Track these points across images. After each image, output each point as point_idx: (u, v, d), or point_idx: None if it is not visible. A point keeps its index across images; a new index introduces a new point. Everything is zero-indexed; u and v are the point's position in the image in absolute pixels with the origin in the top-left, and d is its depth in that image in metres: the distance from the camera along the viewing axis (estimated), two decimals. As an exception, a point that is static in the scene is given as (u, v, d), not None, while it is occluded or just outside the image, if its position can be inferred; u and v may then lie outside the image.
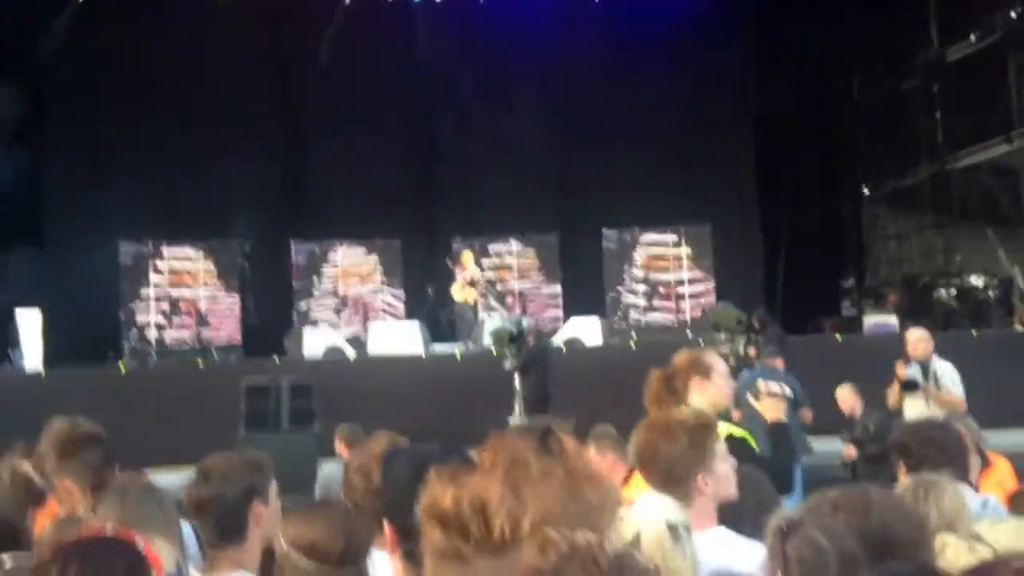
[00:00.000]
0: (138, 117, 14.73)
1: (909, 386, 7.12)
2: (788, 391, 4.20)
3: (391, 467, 2.06)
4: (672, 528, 2.22)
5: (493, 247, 16.04)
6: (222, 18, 15.06)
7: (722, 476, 2.62)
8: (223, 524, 2.60)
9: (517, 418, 10.46)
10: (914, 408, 7.12)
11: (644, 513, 2.35)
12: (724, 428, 3.67)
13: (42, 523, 2.89)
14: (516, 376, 10.65)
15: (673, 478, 2.56)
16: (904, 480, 3.04)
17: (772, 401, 4.09)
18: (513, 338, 11.01)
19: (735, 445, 3.66)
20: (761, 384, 4.16)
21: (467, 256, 14.21)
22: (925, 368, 7.23)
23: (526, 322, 11.90)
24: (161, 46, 14.57)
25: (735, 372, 8.99)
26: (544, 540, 1.36)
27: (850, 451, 7.87)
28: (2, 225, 13.24)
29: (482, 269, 14.81)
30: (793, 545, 1.91)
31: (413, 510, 1.52)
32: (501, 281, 15.96)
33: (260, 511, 2.60)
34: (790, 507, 2.88)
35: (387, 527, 1.98)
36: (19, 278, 12.47)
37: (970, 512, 2.78)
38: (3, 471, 3.18)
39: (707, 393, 3.76)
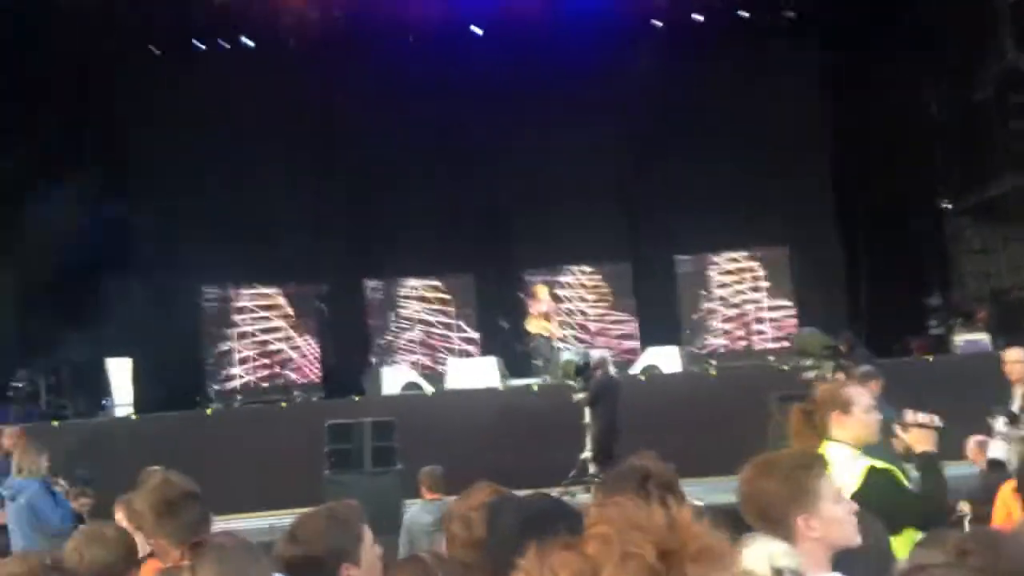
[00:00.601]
0: (210, 164, 15.10)
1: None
2: (939, 421, 4.06)
3: (497, 518, 2.02)
4: (778, 572, 2.13)
5: (565, 278, 15.99)
6: (284, 61, 15.45)
7: (833, 519, 2.48)
8: None
9: (587, 453, 10.38)
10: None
11: (752, 556, 2.26)
12: (866, 462, 3.61)
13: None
14: (585, 410, 10.57)
15: (769, 519, 2.46)
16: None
17: (922, 432, 3.98)
18: (580, 371, 10.95)
19: (879, 479, 3.58)
20: (909, 413, 4.05)
21: (541, 289, 14.17)
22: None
23: (595, 354, 11.80)
24: (225, 92, 14.99)
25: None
26: None
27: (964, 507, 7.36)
28: (90, 277, 13.63)
29: (559, 301, 14.76)
30: None
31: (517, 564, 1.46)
32: (575, 312, 15.88)
33: (349, 574, 2.58)
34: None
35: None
36: (109, 329, 12.82)
37: None
38: (107, 530, 3.23)
39: (848, 428, 3.72)
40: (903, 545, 3.30)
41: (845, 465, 3.54)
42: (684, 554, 1.35)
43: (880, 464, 3.62)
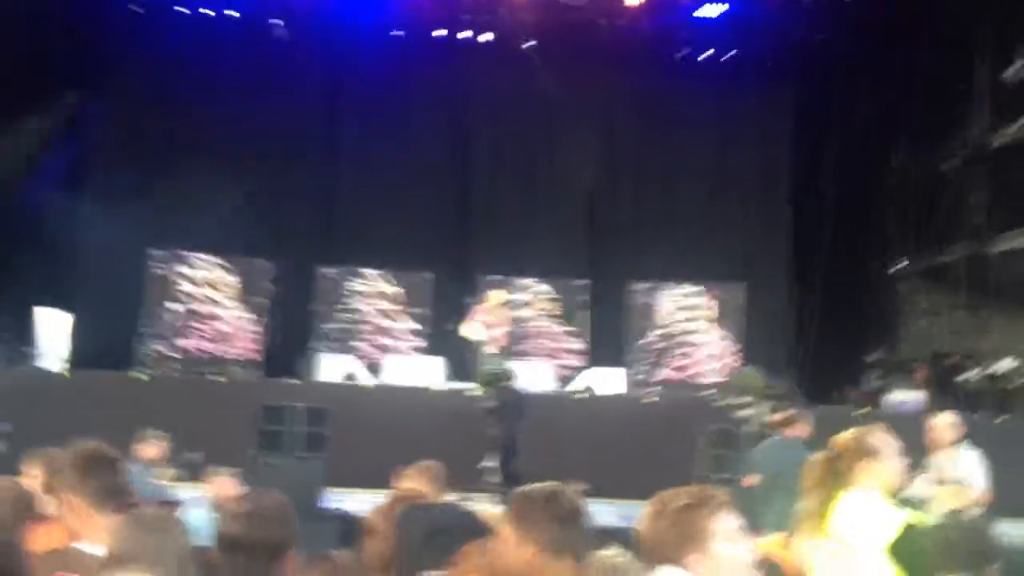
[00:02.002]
0: (179, 131, 14.93)
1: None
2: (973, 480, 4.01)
3: (404, 529, 2.01)
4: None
5: (521, 287, 16.01)
6: (267, 43, 15.34)
7: (724, 559, 2.42)
8: (253, 567, 2.56)
9: (487, 463, 10.43)
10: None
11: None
12: (904, 515, 3.51)
13: (41, 540, 2.85)
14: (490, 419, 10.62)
15: (660, 558, 2.42)
16: None
17: (956, 489, 3.95)
18: (490, 381, 11.00)
19: (919, 533, 3.40)
20: (949, 469, 4.01)
21: (493, 295, 14.10)
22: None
23: (505, 366, 11.81)
24: (200, 62, 14.83)
25: (758, 439, 8.91)
26: None
27: None
28: (34, 225, 13.36)
29: (510, 308, 14.74)
30: None
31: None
32: (526, 323, 15.91)
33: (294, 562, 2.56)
34: None
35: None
36: (43, 278, 12.57)
37: None
38: (2, 482, 3.17)
39: (877, 476, 3.63)
40: None
41: (878, 514, 3.49)
42: None
43: (918, 516, 3.55)
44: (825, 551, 3.69)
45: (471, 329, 13.00)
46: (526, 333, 15.84)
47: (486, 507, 7.87)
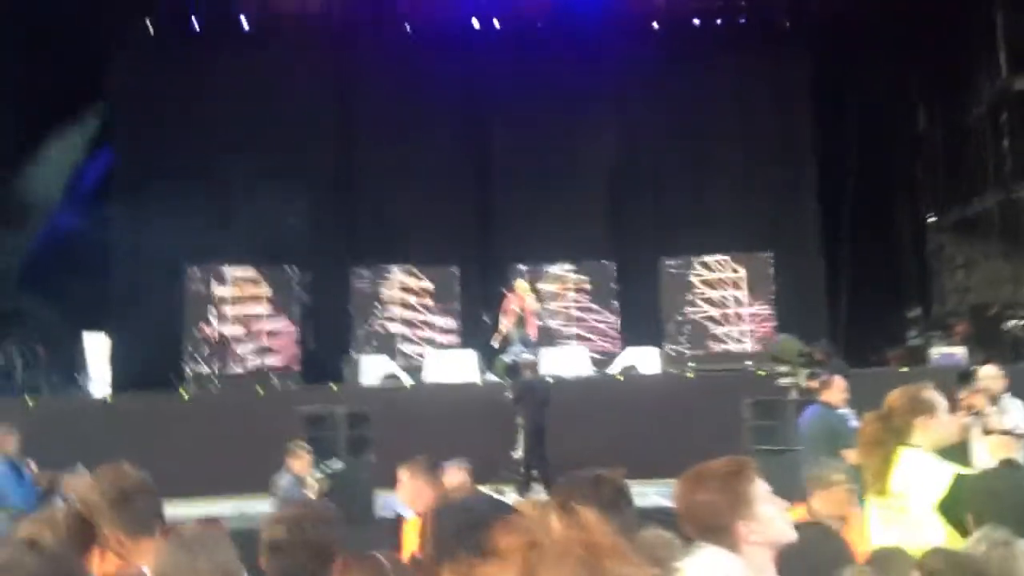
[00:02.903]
0: (200, 145, 15.05)
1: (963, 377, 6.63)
2: (1022, 429, 4.02)
3: (439, 522, 2.03)
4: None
5: (551, 273, 16.02)
6: (281, 47, 15.41)
7: (769, 519, 2.48)
8: (300, 570, 2.60)
9: (519, 452, 10.48)
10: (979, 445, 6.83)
11: (695, 567, 2.28)
12: (952, 469, 3.53)
13: (96, 568, 2.90)
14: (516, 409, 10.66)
15: (712, 529, 2.45)
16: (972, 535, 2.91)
17: (1004, 439, 3.94)
18: (509, 371, 11.03)
19: (968, 485, 3.47)
20: (993, 421, 4.01)
21: (519, 286, 14.12)
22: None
23: (526, 356, 11.84)
24: (221, 75, 14.97)
25: (797, 407, 8.86)
26: None
27: None
28: (69, 251, 13.56)
29: (540, 298, 14.76)
30: None
31: None
32: (558, 309, 15.91)
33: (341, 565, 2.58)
34: None
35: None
36: (85, 303, 12.76)
37: None
38: (58, 513, 3.22)
39: (933, 432, 3.65)
40: None
41: (929, 471, 3.50)
42: (603, 551, 1.39)
43: (965, 470, 3.54)
44: (882, 509, 3.70)
45: (502, 326, 13.03)
46: (558, 319, 15.84)
47: (515, 497, 7.94)
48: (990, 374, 7.10)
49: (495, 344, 12.94)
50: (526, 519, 1.47)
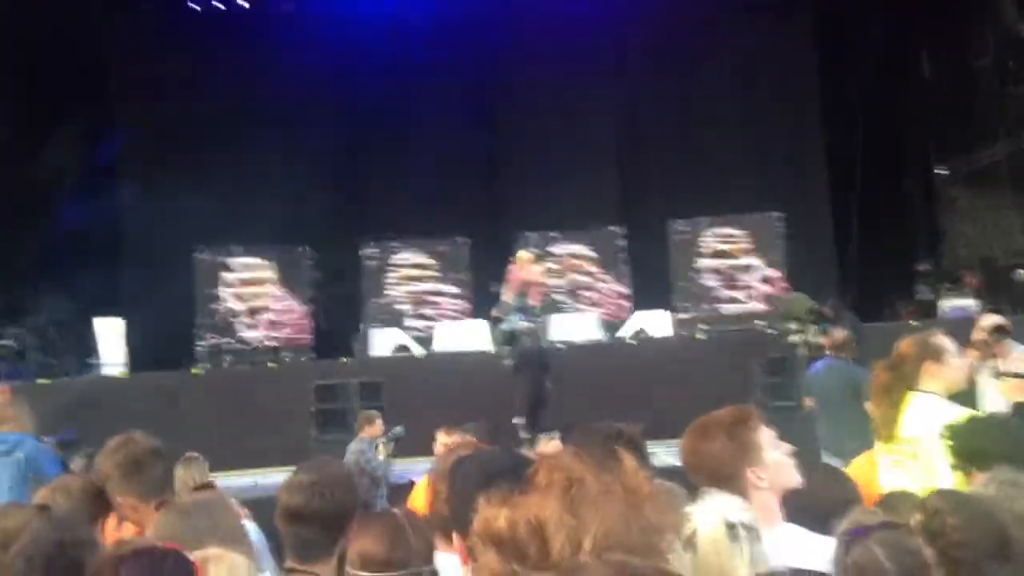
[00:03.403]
0: (204, 125, 15.03)
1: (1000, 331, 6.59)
2: None
3: (457, 477, 2.04)
4: (731, 527, 2.15)
5: (558, 243, 16.00)
6: (282, 24, 15.33)
7: (776, 465, 2.53)
8: (317, 538, 2.61)
9: (519, 419, 10.47)
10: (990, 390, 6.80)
11: (703, 512, 2.29)
12: (962, 412, 3.54)
13: (111, 535, 2.94)
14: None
15: (721, 477, 2.48)
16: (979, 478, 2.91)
17: (1016, 382, 3.93)
18: (508, 339, 11.02)
19: (978, 427, 3.42)
20: (1003, 364, 4.02)
21: (520, 256, 14.07)
22: None
23: (524, 324, 11.80)
24: (221, 56, 14.90)
25: (807, 362, 8.86)
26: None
27: None
28: (80, 238, 13.61)
29: (543, 268, 14.73)
30: (854, 557, 1.84)
31: None
32: (567, 276, 15.90)
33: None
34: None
35: (456, 538, 1.95)
36: (98, 288, 12.82)
37: None
38: (73, 481, 3.26)
39: (942, 377, 3.67)
40: None
41: (940, 415, 3.50)
42: (643, 496, 1.40)
43: (976, 412, 3.56)
44: (891, 455, 3.70)
45: (504, 295, 13.00)
46: (568, 286, 15.83)
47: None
48: (992, 321, 7.10)
49: (497, 313, 12.97)
50: (567, 458, 1.48)
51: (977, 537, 1.98)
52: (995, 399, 6.32)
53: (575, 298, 15.76)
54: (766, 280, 15.46)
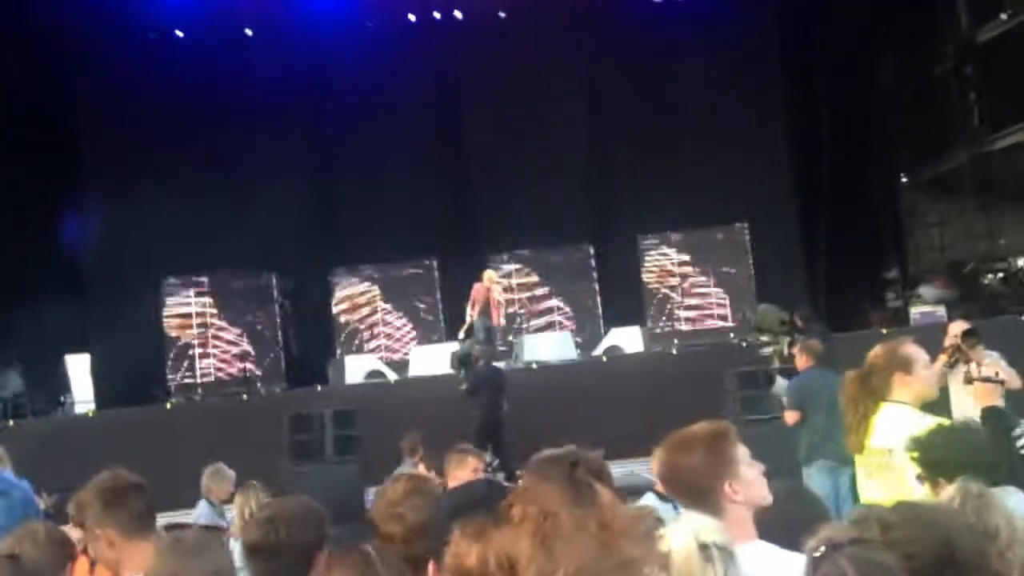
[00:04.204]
0: (169, 159, 14.89)
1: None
2: (1004, 375, 3.99)
3: (434, 505, 2.01)
4: (704, 547, 2.14)
5: (527, 259, 16.03)
6: (250, 49, 15.29)
7: (750, 481, 2.52)
8: (280, 571, 2.57)
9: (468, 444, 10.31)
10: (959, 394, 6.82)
11: (677, 532, 2.28)
12: (932, 421, 3.51)
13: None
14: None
15: (698, 491, 2.48)
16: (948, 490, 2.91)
17: (986, 387, 3.91)
18: (462, 362, 10.95)
19: (949, 436, 3.36)
20: (975, 369, 4.02)
21: (486, 275, 14.05)
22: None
23: (479, 348, 11.72)
24: (188, 86, 14.80)
25: (780, 374, 8.89)
26: None
27: None
28: (47, 274, 13.44)
29: (507, 289, 14.72)
30: (823, 572, 1.83)
31: None
32: (532, 296, 15.91)
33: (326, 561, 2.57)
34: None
35: (432, 567, 1.93)
36: (65, 325, 12.67)
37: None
38: (39, 528, 3.20)
39: (912, 387, 3.65)
40: None
41: (910, 425, 3.47)
42: (617, 530, 1.38)
43: (947, 421, 3.54)
44: (864, 466, 3.72)
45: (468, 316, 12.95)
46: (538, 306, 15.84)
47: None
48: (961, 327, 7.14)
49: (461, 335, 12.93)
50: (540, 490, 1.45)
51: (924, 549, 1.98)
52: (966, 405, 6.36)
53: (545, 317, 15.76)
54: (735, 293, 15.56)
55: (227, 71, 15.10)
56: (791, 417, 7.59)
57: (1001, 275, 13.67)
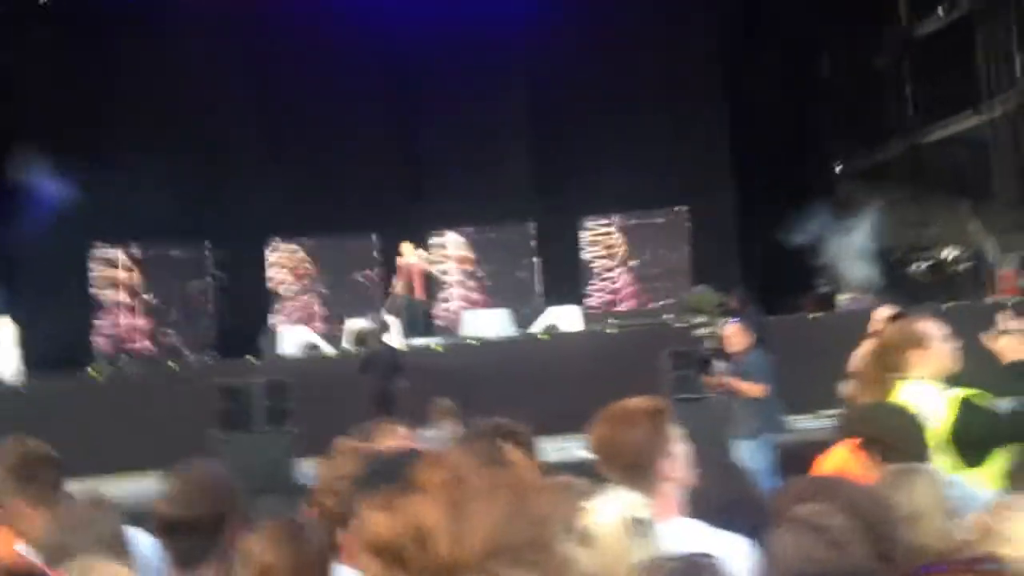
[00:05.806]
0: (106, 118, 14.54)
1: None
2: None
3: (368, 479, 1.99)
4: (628, 522, 2.14)
5: (468, 236, 16.01)
6: (194, 18, 14.95)
7: (683, 459, 2.54)
8: (195, 546, 2.50)
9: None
10: None
11: (601, 507, 2.28)
12: (954, 393, 3.47)
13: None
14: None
15: (637, 468, 2.46)
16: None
17: (1014, 338, 3.71)
18: (359, 339, 10.92)
19: (972, 407, 3.42)
20: (1000, 318, 3.85)
21: (404, 248, 13.97)
22: None
23: (368, 325, 11.67)
24: (123, 51, 14.46)
25: (714, 356, 9.02)
26: None
27: None
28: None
29: (430, 261, 14.72)
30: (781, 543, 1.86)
31: None
32: (476, 272, 15.91)
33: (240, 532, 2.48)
34: None
35: (345, 537, 1.90)
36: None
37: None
38: None
39: (929, 363, 3.59)
40: (993, 473, 3.21)
41: (932, 400, 3.43)
42: (530, 488, 1.37)
43: (969, 392, 3.46)
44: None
45: (392, 289, 12.83)
46: (477, 282, 15.85)
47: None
48: (885, 314, 7.26)
49: (386, 309, 12.86)
50: (450, 456, 1.43)
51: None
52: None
53: (483, 294, 15.77)
54: (671, 274, 15.72)
55: (157, 32, 14.76)
56: (761, 390, 7.82)
57: (927, 265, 13.99)
